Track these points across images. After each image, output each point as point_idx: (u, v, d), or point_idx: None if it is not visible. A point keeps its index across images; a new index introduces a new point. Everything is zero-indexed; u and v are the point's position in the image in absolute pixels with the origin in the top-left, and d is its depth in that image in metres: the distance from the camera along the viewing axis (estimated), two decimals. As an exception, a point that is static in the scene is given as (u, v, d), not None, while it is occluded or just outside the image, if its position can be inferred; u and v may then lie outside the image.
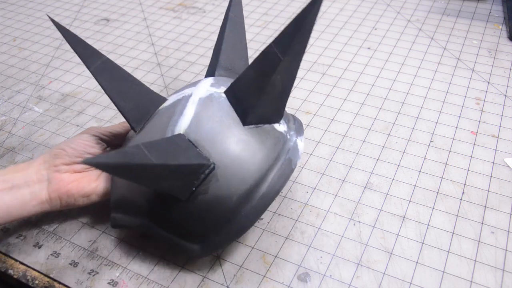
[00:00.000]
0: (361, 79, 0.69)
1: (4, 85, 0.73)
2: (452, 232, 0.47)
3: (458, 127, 0.60)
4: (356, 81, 0.69)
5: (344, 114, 0.63)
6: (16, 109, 0.68)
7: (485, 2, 0.87)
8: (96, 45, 0.81)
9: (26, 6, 0.96)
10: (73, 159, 0.46)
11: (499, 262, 0.44)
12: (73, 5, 0.95)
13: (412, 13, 0.85)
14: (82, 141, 0.47)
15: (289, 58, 0.37)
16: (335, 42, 0.78)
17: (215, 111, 0.42)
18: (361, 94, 0.66)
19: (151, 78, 0.73)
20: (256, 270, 0.45)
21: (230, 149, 0.40)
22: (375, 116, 0.62)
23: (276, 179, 0.41)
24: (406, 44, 0.76)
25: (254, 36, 0.81)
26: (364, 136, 0.59)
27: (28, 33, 0.86)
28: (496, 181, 0.52)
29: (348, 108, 0.64)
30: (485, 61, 0.71)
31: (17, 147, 0.61)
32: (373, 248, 0.46)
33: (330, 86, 0.68)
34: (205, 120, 0.41)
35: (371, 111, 0.63)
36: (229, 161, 0.40)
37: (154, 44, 0.51)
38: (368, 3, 0.89)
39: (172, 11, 0.91)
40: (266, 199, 0.41)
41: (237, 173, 0.40)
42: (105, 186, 0.47)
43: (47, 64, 0.77)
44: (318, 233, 0.48)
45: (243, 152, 0.40)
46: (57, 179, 0.45)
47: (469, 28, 0.79)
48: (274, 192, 0.41)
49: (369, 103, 0.64)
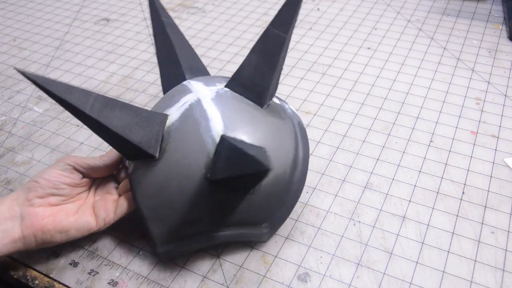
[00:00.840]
0: (361, 79, 0.69)
1: (4, 85, 0.73)
2: (452, 232, 0.47)
3: (458, 127, 0.60)
4: (356, 81, 0.69)
5: (344, 114, 0.63)
6: (16, 109, 0.68)
7: (485, 2, 0.87)
8: (96, 45, 0.81)
9: (26, 6, 0.96)
10: (47, 191, 0.43)
11: (499, 262, 0.44)
12: (73, 5, 0.96)
13: (412, 13, 0.85)
14: (56, 172, 0.44)
15: (290, 35, 0.42)
16: (335, 42, 0.78)
17: (235, 105, 0.43)
18: (361, 94, 0.66)
19: (151, 78, 0.73)
20: (256, 270, 0.45)
21: (268, 131, 0.43)
22: (375, 116, 0.62)
23: (303, 140, 0.46)
24: (406, 44, 0.76)
25: (254, 36, 0.81)
26: (364, 136, 0.59)
27: (28, 33, 0.86)
28: (496, 181, 0.52)
29: (348, 108, 0.64)
30: (485, 61, 0.71)
31: (17, 147, 0.61)
32: (373, 248, 0.46)
33: (330, 86, 0.68)
34: (234, 116, 0.42)
35: (371, 111, 0.63)
36: (272, 143, 0.42)
37: (154, 44, 0.51)
38: (368, 3, 0.89)
39: (172, 11, 0.91)
40: (305, 160, 0.45)
41: (281, 149, 0.43)
42: (86, 220, 0.44)
43: (47, 64, 0.77)
44: (318, 233, 0.48)
45: (276, 129, 0.43)
46: (30, 214, 0.42)
47: (469, 28, 0.80)
48: (307, 151, 0.46)
49: (369, 103, 0.64)
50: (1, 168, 0.58)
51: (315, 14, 0.87)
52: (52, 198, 0.44)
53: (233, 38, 0.81)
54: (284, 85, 0.69)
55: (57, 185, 0.44)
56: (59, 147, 0.61)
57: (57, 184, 0.44)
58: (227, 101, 0.43)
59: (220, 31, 0.83)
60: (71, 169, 0.45)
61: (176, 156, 0.41)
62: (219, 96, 0.44)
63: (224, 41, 0.80)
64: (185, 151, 0.41)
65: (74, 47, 0.81)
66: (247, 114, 0.43)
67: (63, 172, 0.45)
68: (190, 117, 0.42)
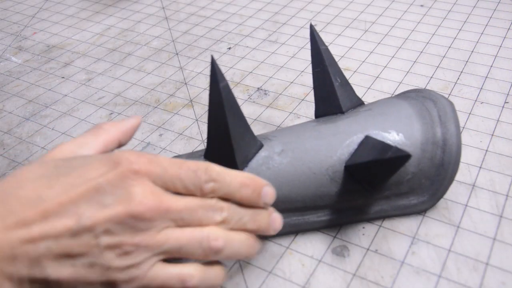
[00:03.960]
0: (412, 36, 0.63)
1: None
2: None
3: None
4: (406, 39, 0.62)
5: (391, 72, 0.56)
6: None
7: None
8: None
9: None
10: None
11: None
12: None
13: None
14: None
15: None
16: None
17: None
18: (413, 52, 0.60)
19: (155, 31, 0.67)
20: (278, 241, 0.38)
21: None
22: (431, 74, 0.56)
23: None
24: (469, 1, 0.70)
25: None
26: (418, 95, 0.52)
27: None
28: None
29: (396, 65, 0.57)
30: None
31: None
32: (433, 219, 0.39)
33: (374, 43, 0.62)
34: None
35: (426, 70, 0.56)
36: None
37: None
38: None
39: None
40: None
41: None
42: None
43: (32, 15, 0.73)
44: (359, 200, 0.41)
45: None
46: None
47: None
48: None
49: (423, 61, 0.58)
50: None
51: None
52: None
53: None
54: (316, 41, 0.62)
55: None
56: (37, 98, 0.55)
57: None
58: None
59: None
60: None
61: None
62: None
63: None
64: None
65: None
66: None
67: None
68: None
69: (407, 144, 0.37)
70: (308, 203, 0.37)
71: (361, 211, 0.39)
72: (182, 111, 0.53)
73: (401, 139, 0.37)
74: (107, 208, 0.26)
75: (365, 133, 0.37)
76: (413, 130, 0.37)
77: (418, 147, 0.37)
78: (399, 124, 0.38)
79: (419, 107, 0.39)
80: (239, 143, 0.35)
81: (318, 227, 0.39)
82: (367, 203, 0.38)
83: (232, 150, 0.35)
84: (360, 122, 0.38)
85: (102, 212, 0.26)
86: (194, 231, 0.29)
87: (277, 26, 0.67)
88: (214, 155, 0.37)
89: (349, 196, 0.37)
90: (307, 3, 0.73)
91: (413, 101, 0.40)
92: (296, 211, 0.38)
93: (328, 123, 0.39)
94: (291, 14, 0.70)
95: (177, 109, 0.53)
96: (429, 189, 0.38)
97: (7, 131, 0.52)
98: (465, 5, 0.69)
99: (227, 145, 0.35)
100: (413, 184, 0.38)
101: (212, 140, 0.37)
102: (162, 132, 0.50)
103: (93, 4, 0.76)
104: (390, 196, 0.38)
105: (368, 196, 0.38)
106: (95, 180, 0.27)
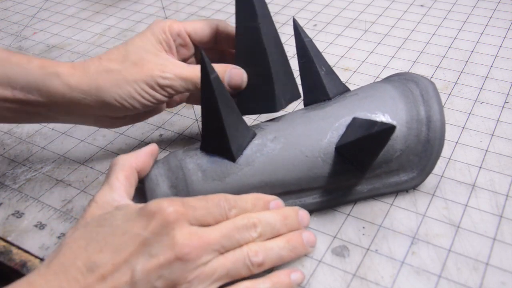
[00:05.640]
0: (412, 36, 0.63)
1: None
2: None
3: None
4: (406, 39, 0.62)
5: (392, 72, 0.56)
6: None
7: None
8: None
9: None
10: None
11: None
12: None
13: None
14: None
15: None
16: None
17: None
18: (413, 52, 0.60)
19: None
20: (277, 241, 0.38)
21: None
22: (431, 74, 0.56)
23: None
24: (469, 1, 0.70)
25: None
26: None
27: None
28: None
29: (397, 65, 0.58)
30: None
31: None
32: (434, 219, 0.39)
33: (374, 43, 0.62)
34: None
35: (427, 69, 0.57)
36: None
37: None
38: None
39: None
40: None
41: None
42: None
43: (32, 16, 0.73)
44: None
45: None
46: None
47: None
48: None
49: (423, 61, 0.58)
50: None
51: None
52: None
53: None
54: (316, 41, 0.62)
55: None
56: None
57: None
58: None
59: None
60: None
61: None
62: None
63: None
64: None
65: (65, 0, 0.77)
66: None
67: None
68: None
69: (393, 123, 0.37)
70: (303, 186, 0.39)
71: (355, 191, 0.40)
72: (182, 111, 0.53)
73: (387, 119, 0.38)
74: (155, 257, 0.29)
75: (352, 116, 0.39)
76: (397, 110, 0.39)
77: (404, 125, 0.38)
78: (384, 105, 0.39)
79: (402, 88, 0.41)
80: (233, 132, 0.37)
81: (314, 208, 0.40)
82: (360, 182, 0.40)
83: (227, 140, 0.37)
84: (347, 106, 0.40)
85: (151, 262, 0.29)
86: (234, 253, 0.32)
87: (277, 26, 0.67)
88: (210, 145, 0.39)
89: (342, 176, 0.39)
90: (307, 3, 0.73)
91: (396, 83, 0.42)
92: (292, 194, 0.39)
93: (317, 109, 0.41)
94: (291, 14, 0.70)
95: (177, 109, 0.53)
96: (418, 165, 0.40)
97: (7, 131, 0.52)
98: (465, 5, 0.69)
99: (222, 135, 0.37)
100: (402, 161, 0.39)
101: (207, 132, 0.38)
102: (162, 132, 0.51)
103: (93, 4, 0.76)
104: (381, 174, 0.40)
105: (360, 175, 0.39)
106: (140, 235, 0.30)
